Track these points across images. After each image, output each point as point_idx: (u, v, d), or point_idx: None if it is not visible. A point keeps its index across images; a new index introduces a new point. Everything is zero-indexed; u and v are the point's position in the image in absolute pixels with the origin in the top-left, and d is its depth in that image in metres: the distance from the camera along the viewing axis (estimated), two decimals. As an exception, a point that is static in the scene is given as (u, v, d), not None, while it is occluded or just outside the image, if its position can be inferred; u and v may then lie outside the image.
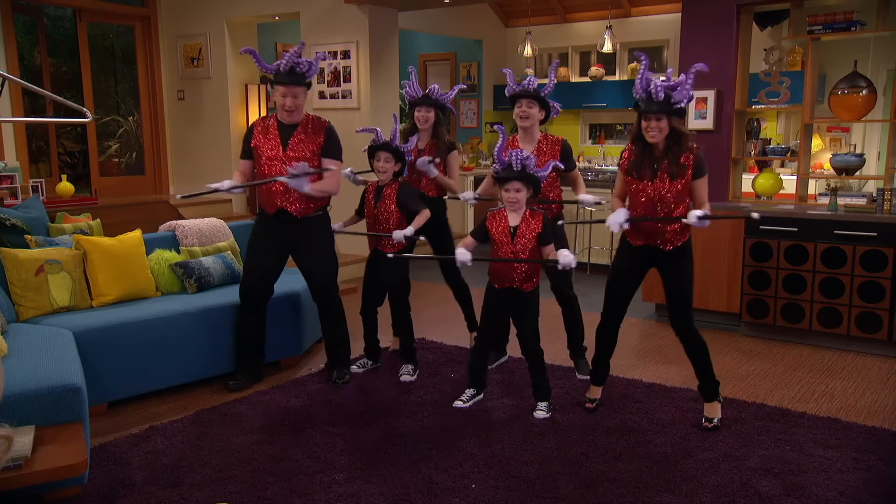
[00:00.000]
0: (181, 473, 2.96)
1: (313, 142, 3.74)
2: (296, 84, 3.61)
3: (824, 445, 3.20)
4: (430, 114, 4.18)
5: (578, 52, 8.82)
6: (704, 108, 5.05)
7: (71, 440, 2.57)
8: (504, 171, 3.35)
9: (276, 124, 3.74)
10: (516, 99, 3.79)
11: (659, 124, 3.16)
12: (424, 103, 4.17)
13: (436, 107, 4.19)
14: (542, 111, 3.80)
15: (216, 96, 7.40)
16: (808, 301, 4.65)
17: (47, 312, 3.73)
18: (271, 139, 3.72)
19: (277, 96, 3.64)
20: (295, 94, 3.62)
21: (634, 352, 4.62)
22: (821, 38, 4.85)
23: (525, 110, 3.76)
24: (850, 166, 4.88)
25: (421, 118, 4.18)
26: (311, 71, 3.64)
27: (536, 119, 3.80)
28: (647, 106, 3.16)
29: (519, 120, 3.79)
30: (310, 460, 3.07)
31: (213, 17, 7.27)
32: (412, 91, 4.19)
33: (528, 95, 3.76)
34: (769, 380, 4.08)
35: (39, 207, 4.69)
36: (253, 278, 3.87)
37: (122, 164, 7.76)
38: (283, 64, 3.58)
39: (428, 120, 4.19)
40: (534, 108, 3.76)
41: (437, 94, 4.22)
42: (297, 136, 3.71)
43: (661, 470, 2.98)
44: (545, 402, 3.56)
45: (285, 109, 3.66)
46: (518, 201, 3.38)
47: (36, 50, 7.03)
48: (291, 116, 3.69)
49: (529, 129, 3.83)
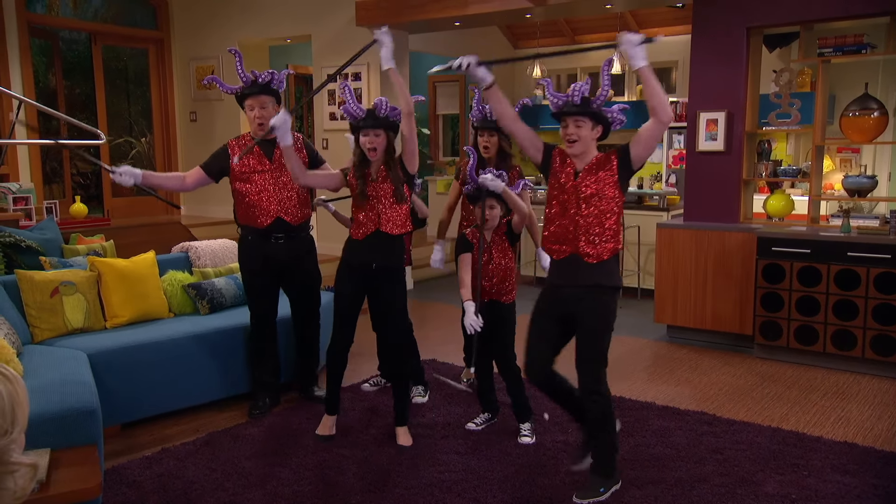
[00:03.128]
0: (194, 496, 2.95)
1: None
2: (260, 94, 3.61)
3: (842, 471, 3.16)
4: (380, 137, 3.29)
5: (587, 74, 8.87)
6: (715, 130, 5.06)
7: (86, 463, 2.56)
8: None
9: (252, 141, 3.71)
10: (561, 117, 2.95)
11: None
12: (371, 125, 3.26)
13: (386, 128, 3.30)
14: (597, 128, 2.94)
15: (228, 118, 7.47)
16: (822, 323, 4.62)
17: (62, 334, 3.74)
18: (254, 155, 3.70)
19: (247, 111, 3.67)
20: (262, 103, 3.62)
21: (647, 373, 4.60)
22: (831, 61, 4.87)
23: (573, 131, 2.89)
24: (863, 188, 4.87)
25: (367, 143, 3.29)
26: (275, 81, 3.64)
27: (590, 140, 2.93)
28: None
29: (568, 146, 2.93)
30: (322, 484, 3.05)
31: (226, 39, 7.36)
32: (353, 108, 3.29)
33: (573, 112, 2.89)
34: (784, 403, 4.05)
35: (54, 229, 4.73)
36: (262, 303, 3.87)
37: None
38: (244, 78, 3.62)
39: (378, 146, 3.29)
40: (584, 126, 2.90)
41: (385, 110, 3.29)
42: (278, 150, 3.67)
43: (676, 495, 2.95)
44: (527, 423, 3.52)
45: (257, 122, 3.64)
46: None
47: (51, 72, 7.13)
48: (263, 129, 3.61)
49: (581, 155, 2.93)
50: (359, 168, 3.32)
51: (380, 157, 3.30)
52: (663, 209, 6.77)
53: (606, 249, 2.91)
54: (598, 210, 2.89)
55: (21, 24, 6.41)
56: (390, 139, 3.32)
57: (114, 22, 7.35)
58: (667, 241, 5.27)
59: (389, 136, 3.31)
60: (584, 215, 2.90)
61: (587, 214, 2.90)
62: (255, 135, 3.70)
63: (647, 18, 8.09)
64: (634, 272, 6.77)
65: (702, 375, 4.54)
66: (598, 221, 2.89)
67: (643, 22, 8.13)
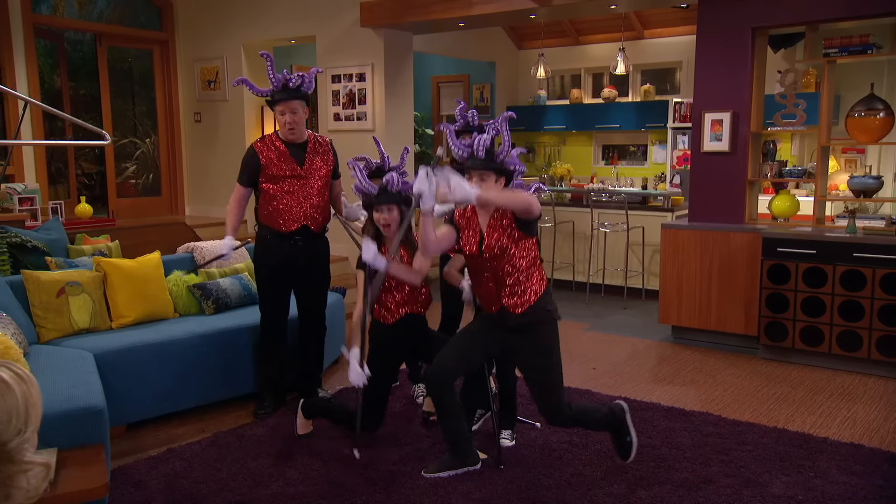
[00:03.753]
0: (200, 497, 2.95)
1: (325, 161, 3.80)
2: (291, 98, 3.61)
3: (849, 472, 3.15)
4: (394, 213, 3.24)
5: (591, 74, 8.88)
6: (720, 131, 5.05)
7: (93, 463, 2.56)
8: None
9: (282, 143, 3.71)
10: (466, 171, 2.94)
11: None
12: (385, 202, 3.22)
13: (399, 204, 3.23)
14: (500, 179, 2.97)
15: (232, 118, 7.48)
16: (828, 324, 4.61)
17: (68, 334, 3.75)
18: (284, 159, 3.70)
19: (277, 115, 3.67)
20: (293, 108, 3.63)
21: (651, 374, 4.59)
22: (836, 61, 4.86)
23: (478, 185, 2.88)
24: (869, 188, 4.86)
25: (383, 221, 3.26)
26: (305, 84, 3.64)
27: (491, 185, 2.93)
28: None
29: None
30: (328, 484, 3.06)
31: (230, 40, 7.37)
32: (364, 185, 3.26)
33: (478, 167, 2.91)
34: (789, 404, 4.04)
35: (60, 229, 4.74)
36: (277, 309, 3.86)
37: (138, 186, 7.84)
38: (275, 82, 3.60)
39: (392, 222, 3.26)
40: (488, 178, 2.93)
41: (397, 185, 3.23)
42: (310, 155, 3.74)
43: (683, 496, 2.94)
44: (510, 430, 3.48)
45: (287, 127, 3.65)
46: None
47: (56, 73, 7.14)
48: (294, 134, 3.67)
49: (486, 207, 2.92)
50: None
51: (394, 232, 3.24)
52: (667, 210, 6.76)
53: (532, 293, 2.95)
54: (509, 265, 2.94)
55: (27, 25, 6.43)
56: (404, 214, 3.24)
57: (119, 23, 7.36)
58: (672, 241, 5.26)
59: (402, 211, 3.25)
60: (499, 276, 2.95)
61: (500, 273, 2.95)
62: (284, 137, 3.70)
63: (651, 19, 8.09)
64: (639, 273, 6.76)
65: (707, 376, 4.54)
66: (512, 276, 2.94)
67: (647, 22, 8.13)
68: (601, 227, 6.80)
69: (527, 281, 2.95)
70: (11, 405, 1.29)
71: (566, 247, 7.21)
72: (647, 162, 8.45)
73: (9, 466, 1.29)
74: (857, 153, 7.02)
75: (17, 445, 1.30)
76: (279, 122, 3.69)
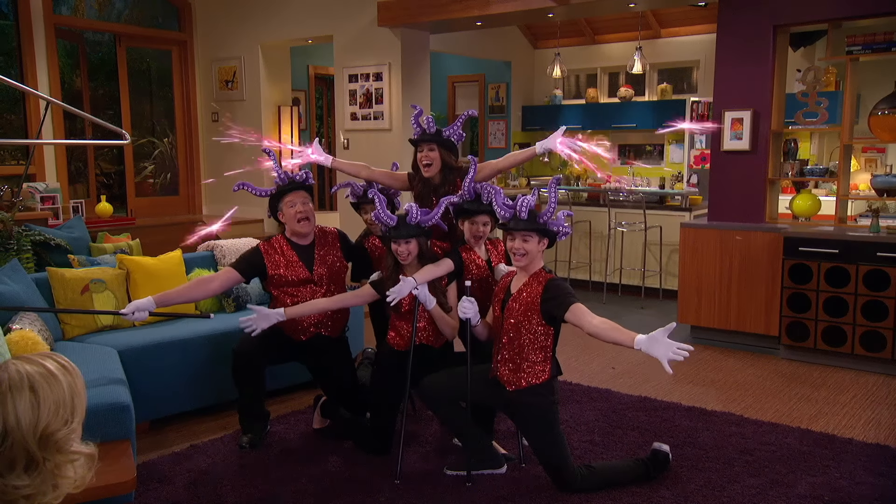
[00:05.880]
0: (224, 492, 2.97)
1: (333, 253, 3.56)
2: (299, 189, 3.45)
3: (875, 473, 3.12)
4: (412, 245, 3.20)
5: (607, 73, 8.84)
6: (741, 129, 5.02)
7: (120, 458, 2.59)
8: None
9: (288, 246, 3.48)
10: (508, 231, 2.98)
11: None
12: (404, 235, 3.16)
13: (417, 236, 3.20)
14: (543, 241, 2.94)
15: (250, 118, 7.51)
16: (851, 324, 4.57)
17: (92, 331, 3.78)
18: (293, 264, 3.46)
19: (287, 208, 3.43)
20: (304, 199, 3.46)
21: (671, 374, 4.55)
22: (859, 59, 4.82)
23: (520, 245, 2.92)
24: (892, 187, 4.81)
25: (402, 252, 3.19)
26: (308, 179, 3.51)
27: (536, 253, 2.94)
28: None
29: (515, 259, 2.97)
30: (351, 481, 3.06)
31: (248, 40, 7.41)
32: (384, 217, 3.19)
33: (520, 228, 2.91)
34: (812, 405, 4.00)
35: (81, 227, 4.78)
36: (249, 343, 3.35)
37: (156, 185, 7.90)
38: (281, 178, 3.45)
39: (411, 253, 3.21)
40: (531, 240, 2.92)
41: (416, 217, 3.18)
42: (318, 253, 3.52)
43: (707, 496, 2.93)
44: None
45: (297, 218, 3.42)
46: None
47: (76, 74, 7.21)
48: (306, 226, 3.45)
49: (526, 267, 2.95)
50: (392, 274, 3.21)
51: (413, 262, 3.21)
52: (685, 209, 6.73)
53: (524, 380, 2.92)
54: (518, 343, 2.91)
55: (48, 26, 6.49)
56: (422, 245, 3.22)
57: (138, 24, 7.42)
58: (691, 240, 5.23)
59: (421, 243, 3.21)
60: (506, 344, 2.93)
61: (508, 344, 2.93)
62: (293, 230, 3.47)
63: (668, 17, 8.05)
64: (656, 273, 6.73)
65: (727, 376, 4.51)
66: (519, 353, 2.91)
67: (664, 21, 8.09)
68: (618, 227, 6.78)
69: (523, 363, 2.91)
70: (59, 396, 1.31)
71: (583, 246, 7.19)
72: (664, 161, 8.42)
73: (56, 456, 1.31)
74: (877, 152, 6.96)
75: (65, 435, 1.32)
76: (289, 215, 3.44)
